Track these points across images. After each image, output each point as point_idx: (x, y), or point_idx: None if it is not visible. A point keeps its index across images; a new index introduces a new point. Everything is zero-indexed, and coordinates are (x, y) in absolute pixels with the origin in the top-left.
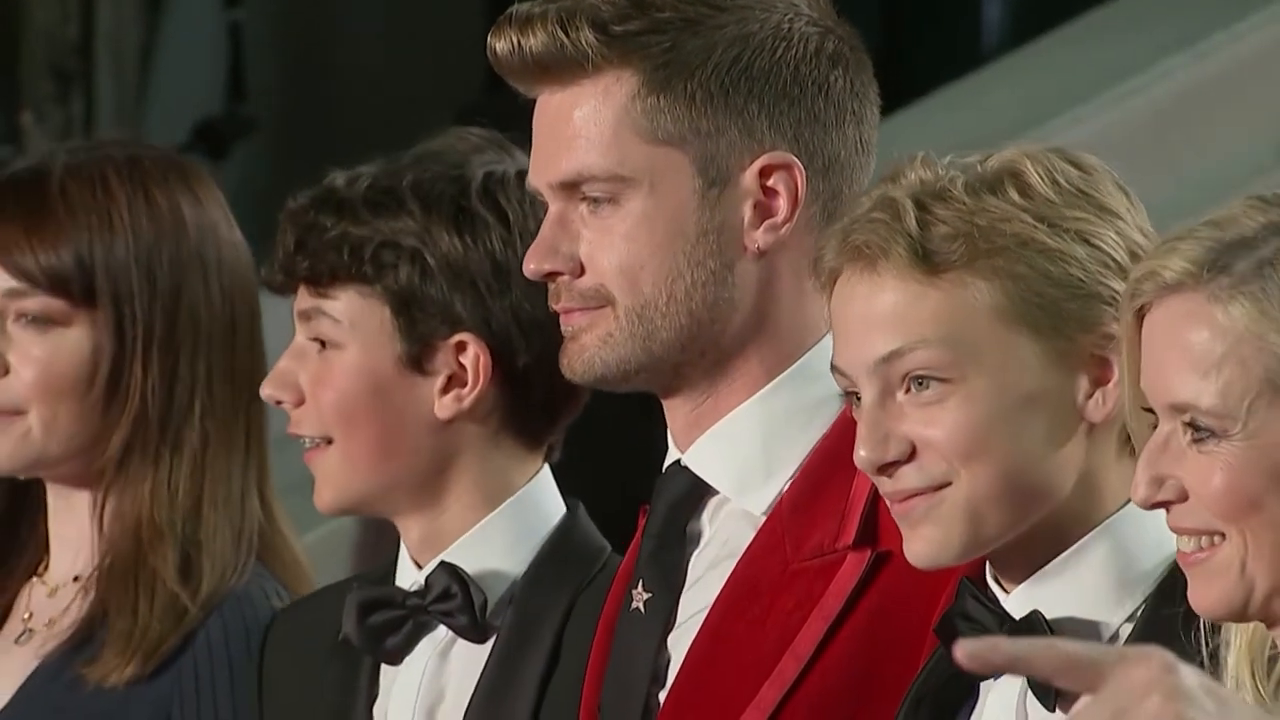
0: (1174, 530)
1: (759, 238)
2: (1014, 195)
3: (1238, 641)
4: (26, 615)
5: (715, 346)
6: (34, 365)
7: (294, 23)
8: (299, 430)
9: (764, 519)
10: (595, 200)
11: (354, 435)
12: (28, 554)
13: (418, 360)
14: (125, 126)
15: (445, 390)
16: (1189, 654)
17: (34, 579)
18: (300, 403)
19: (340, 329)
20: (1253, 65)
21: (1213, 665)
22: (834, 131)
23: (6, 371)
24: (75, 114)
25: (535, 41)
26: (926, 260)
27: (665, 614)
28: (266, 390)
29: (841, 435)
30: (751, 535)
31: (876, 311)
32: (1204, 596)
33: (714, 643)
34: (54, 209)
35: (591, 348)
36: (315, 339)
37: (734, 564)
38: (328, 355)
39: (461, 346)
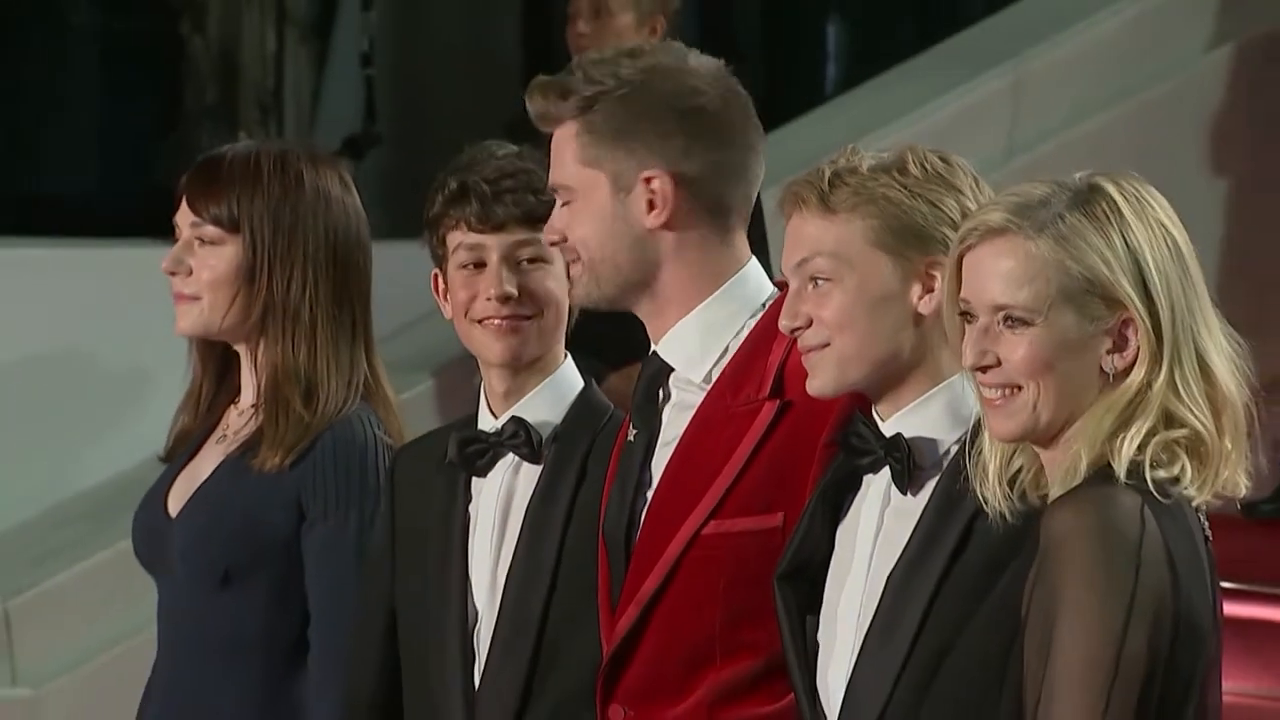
0: (985, 385)
1: (650, 220)
2: (895, 173)
3: (994, 462)
4: (226, 426)
5: (649, 287)
6: (206, 269)
7: (405, 77)
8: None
9: (707, 384)
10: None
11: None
12: (231, 391)
13: None
14: (301, 139)
15: None
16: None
17: (233, 405)
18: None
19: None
20: (984, 106)
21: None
22: (700, 158)
23: (191, 273)
24: (271, 133)
25: (533, 105)
26: (827, 205)
27: (646, 443)
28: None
29: (764, 329)
30: (697, 394)
31: (798, 235)
32: (1004, 427)
33: (683, 459)
34: (220, 174)
35: (575, 286)
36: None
37: (692, 412)
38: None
39: None
